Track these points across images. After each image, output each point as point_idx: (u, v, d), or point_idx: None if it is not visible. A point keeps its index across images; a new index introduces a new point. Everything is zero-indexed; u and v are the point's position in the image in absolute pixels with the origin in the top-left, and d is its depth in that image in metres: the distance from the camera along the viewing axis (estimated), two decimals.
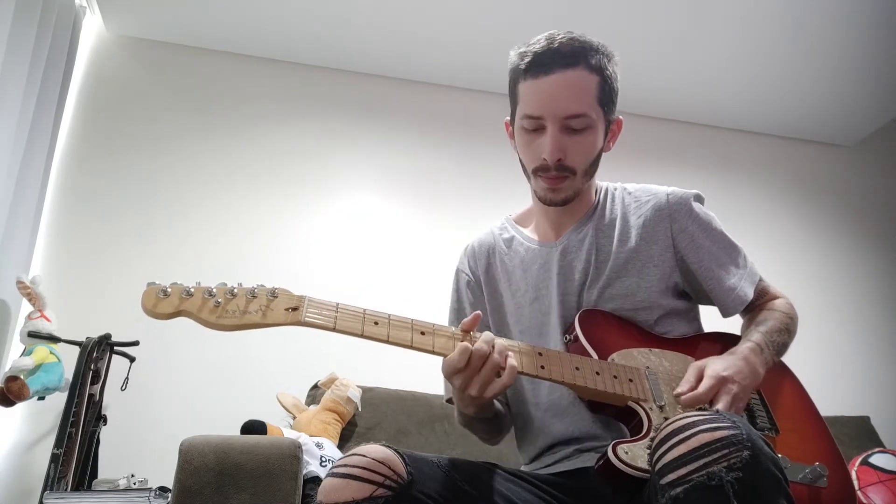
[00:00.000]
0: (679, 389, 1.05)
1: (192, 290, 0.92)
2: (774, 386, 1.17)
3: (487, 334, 1.01)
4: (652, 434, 0.97)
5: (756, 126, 3.52)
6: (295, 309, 0.95)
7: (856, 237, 3.49)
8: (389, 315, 1.00)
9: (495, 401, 1.24)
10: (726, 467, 0.75)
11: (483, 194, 3.00)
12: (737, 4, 2.70)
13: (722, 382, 1.03)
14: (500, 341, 1.03)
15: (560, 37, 1.15)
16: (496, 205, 2.01)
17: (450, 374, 1.00)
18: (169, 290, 0.91)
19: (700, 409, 0.86)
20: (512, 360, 1.01)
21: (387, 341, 0.98)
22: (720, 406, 1.00)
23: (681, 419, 0.83)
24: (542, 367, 1.03)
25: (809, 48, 2.92)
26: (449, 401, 1.32)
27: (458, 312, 1.38)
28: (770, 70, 3.07)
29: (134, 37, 2.92)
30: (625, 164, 2.33)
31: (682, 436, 0.80)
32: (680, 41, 2.91)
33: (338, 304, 0.98)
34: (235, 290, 0.94)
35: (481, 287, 1.35)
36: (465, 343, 0.99)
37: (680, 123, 3.46)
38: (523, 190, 1.42)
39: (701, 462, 0.77)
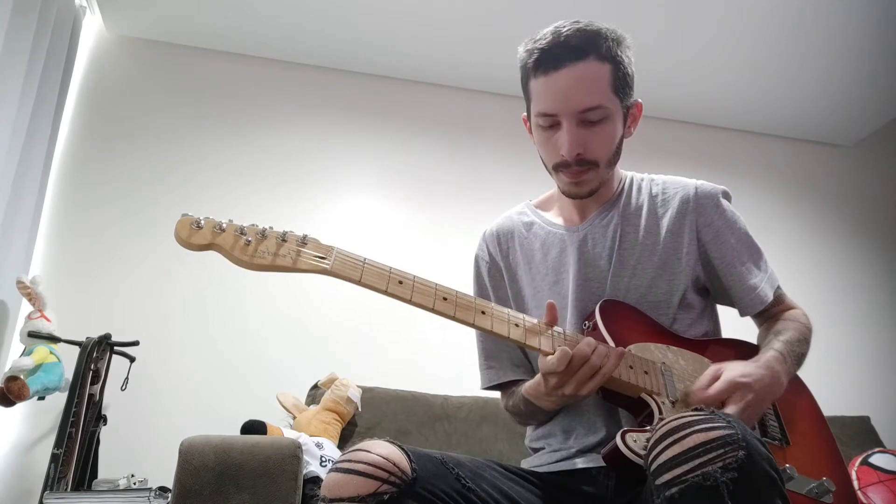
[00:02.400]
0: (692, 387, 1.04)
1: (225, 225, 0.93)
2: (789, 399, 1.16)
3: (590, 339, 1.01)
4: None
5: (756, 126, 3.52)
6: (323, 258, 0.96)
7: (855, 237, 3.49)
8: (414, 277, 1.01)
9: None
10: (721, 467, 0.75)
11: (484, 195, 3.00)
12: (736, 4, 2.70)
13: (735, 388, 1.01)
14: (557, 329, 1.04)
15: (566, 29, 1.13)
16: (497, 205, 2.01)
17: (546, 373, 1.01)
18: (202, 222, 0.92)
19: (696, 409, 0.85)
20: (610, 364, 1.02)
21: (409, 302, 0.99)
22: (729, 411, 0.97)
23: (676, 419, 0.82)
24: (561, 346, 1.02)
25: (809, 48, 2.93)
26: (493, 387, 1.33)
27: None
28: (770, 70, 3.08)
29: (134, 37, 2.92)
30: (625, 164, 2.33)
31: (677, 436, 0.80)
32: (680, 41, 2.91)
33: (365, 259, 0.99)
34: (267, 232, 0.94)
35: (501, 272, 1.34)
36: (566, 348, 0.99)
37: (679, 123, 3.47)
38: (525, 190, 1.42)
39: (696, 462, 0.76)
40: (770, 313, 1.29)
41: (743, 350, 1.21)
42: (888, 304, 3.38)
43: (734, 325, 1.33)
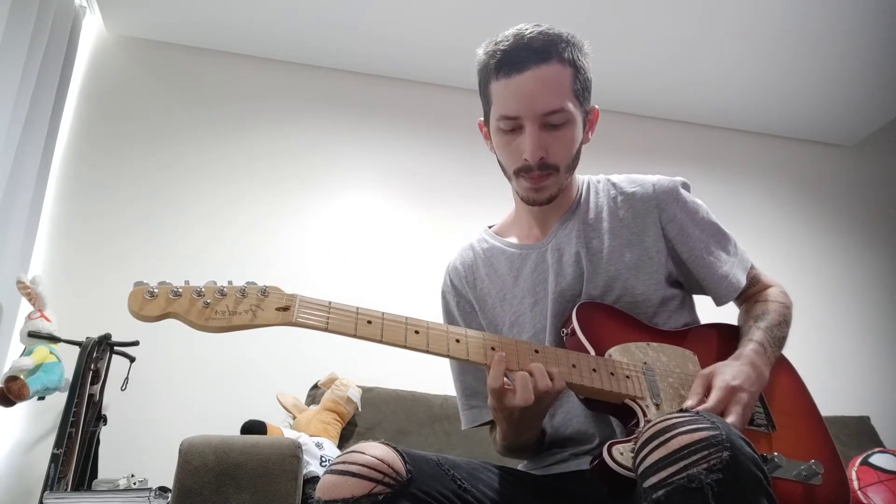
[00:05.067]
0: (688, 403, 1.02)
1: (181, 289, 0.89)
2: (773, 381, 1.15)
3: (524, 375, 0.99)
4: None
5: (757, 126, 3.52)
6: (286, 309, 0.92)
7: (857, 237, 3.49)
8: (383, 313, 0.97)
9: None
10: (706, 469, 0.75)
11: (482, 193, 3.00)
12: (738, 5, 2.70)
13: (732, 393, 1.00)
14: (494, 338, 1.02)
15: (529, 31, 1.11)
16: (495, 204, 2.01)
17: (498, 394, 0.98)
18: (156, 290, 0.88)
19: (681, 411, 0.85)
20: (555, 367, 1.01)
21: (380, 341, 0.95)
22: (732, 418, 0.97)
23: (661, 421, 0.82)
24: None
25: (810, 48, 2.93)
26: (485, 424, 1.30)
27: None
28: (771, 70, 3.08)
29: (134, 37, 2.92)
30: (626, 164, 2.33)
31: (662, 438, 0.80)
32: (682, 43, 2.91)
33: (330, 304, 0.95)
34: (225, 290, 0.90)
35: (472, 304, 1.32)
36: (500, 356, 0.98)
37: (680, 123, 3.46)
38: None
39: (681, 464, 0.76)
40: (747, 294, 1.28)
41: (723, 333, 1.21)
42: (888, 304, 3.37)
43: (716, 309, 1.30)
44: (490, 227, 1.38)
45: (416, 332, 0.98)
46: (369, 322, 0.96)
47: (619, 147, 3.18)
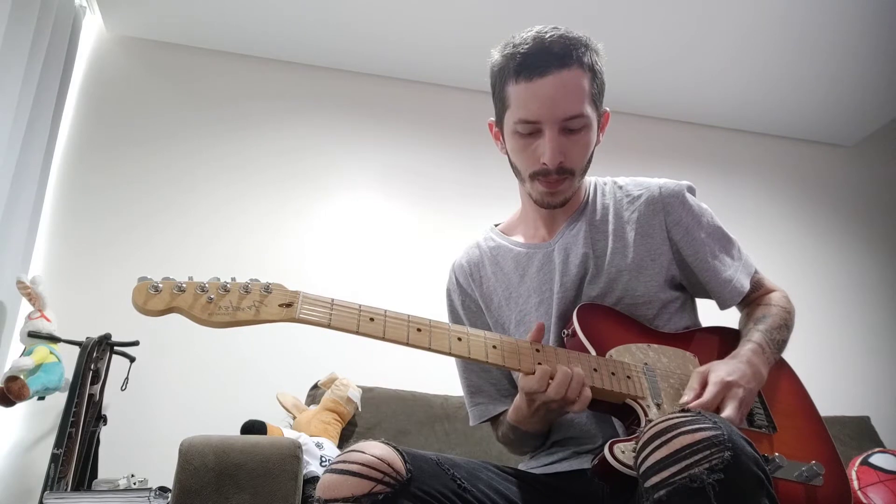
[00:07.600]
0: (684, 398, 1.03)
1: (184, 285, 0.90)
2: (773, 383, 1.16)
3: (565, 370, 1.00)
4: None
5: (756, 126, 3.52)
6: (289, 305, 0.93)
7: (855, 237, 3.49)
8: (385, 311, 0.98)
9: None
10: (708, 469, 0.75)
11: (483, 193, 3.00)
12: (738, 6, 2.70)
13: (727, 388, 1.01)
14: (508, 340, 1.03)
15: (549, 34, 1.11)
16: (496, 204, 2.02)
17: (529, 392, 1.01)
18: (160, 285, 0.90)
19: (683, 411, 0.85)
20: (587, 391, 1.01)
21: (382, 338, 0.96)
22: (727, 412, 0.97)
23: (663, 421, 0.82)
24: (539, 364, 1.02)
25: (809, 49, 2.93)
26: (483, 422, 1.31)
27: None
28: (770, 70, 3.08)
29: (134, 37, 2.92)
30: (626, 163, 2.33)
31: (664, 438, 0.80)
32: (682, 43, 2.91)
33: (333, 300, 0.96)
34: (228, 286, 0.92)
35: (477, 303, 1.32)
36: (546, 367, 0.99)
37: (680, 123, 3.47)
38: None
39: (683, 464, 0.77)
40: (750, 298, 1.29)
41: (724, 336, 1.21)
42: (888, 304, 3.37)
43: (717, 313, 1.31)
44: (496, 226, 1.38)
45: (419, 329, 0.99)
46: (371, 319, 0.96)
47: (619, 147, 3.17)
